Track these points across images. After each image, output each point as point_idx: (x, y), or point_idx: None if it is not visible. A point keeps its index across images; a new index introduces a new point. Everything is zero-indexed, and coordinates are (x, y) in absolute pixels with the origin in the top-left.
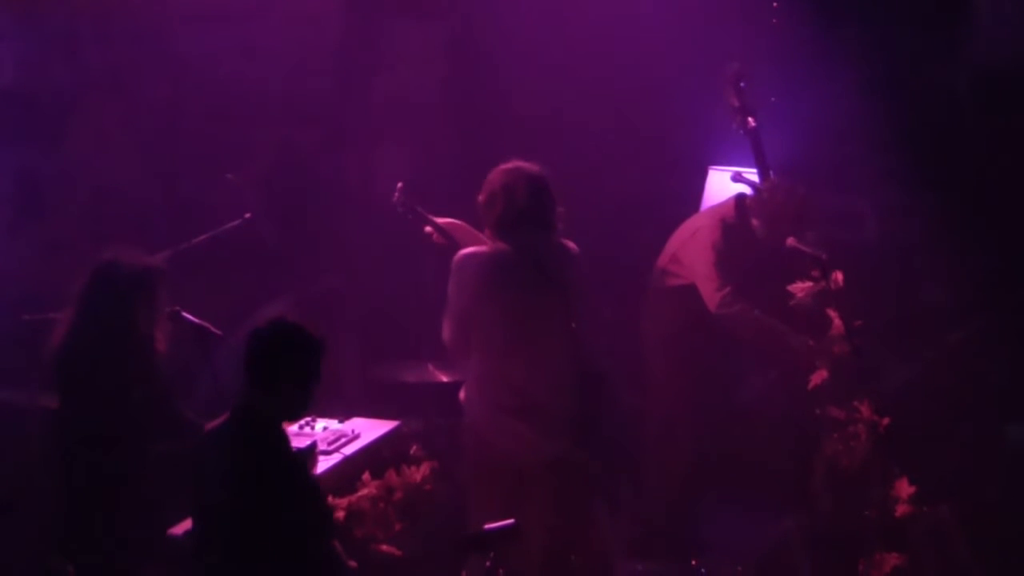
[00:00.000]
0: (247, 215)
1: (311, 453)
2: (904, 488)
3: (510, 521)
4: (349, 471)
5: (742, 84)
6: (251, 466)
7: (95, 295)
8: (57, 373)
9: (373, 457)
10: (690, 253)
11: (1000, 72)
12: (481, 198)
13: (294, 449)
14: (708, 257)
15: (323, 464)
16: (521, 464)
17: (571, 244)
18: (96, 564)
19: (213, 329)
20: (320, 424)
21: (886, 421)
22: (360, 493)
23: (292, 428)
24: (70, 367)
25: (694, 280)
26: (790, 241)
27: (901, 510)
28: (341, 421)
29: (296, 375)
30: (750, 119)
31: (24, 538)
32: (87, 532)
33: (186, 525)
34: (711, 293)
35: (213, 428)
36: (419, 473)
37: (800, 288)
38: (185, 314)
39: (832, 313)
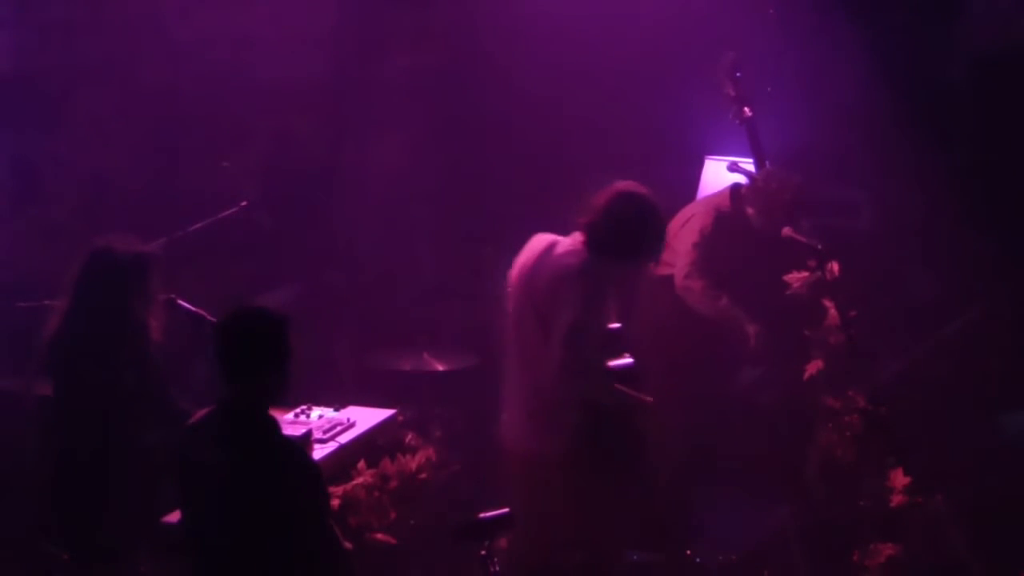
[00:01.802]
0: (244, 203)
1: (306, 442)
2: (899, 478)
3: (505, 510)
4: (344, 459)
5: (738, 74)
6: (249, 456)
7: (90, 282)
8: (51, 359)
9: (368, 445)
10: (681, 240)
11: (997, 61)
12: None
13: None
14: (692, 239)
15: (319, 452)
16: (523, 458)
17: (580, 265)
18: (89, 551)
19: (209, 317)
20: (316, 412)
21: (881, 411)
22: (355, 481)
23: (288, 416)
24: (64, 353)
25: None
26: (786, 231)
27: (896, 500)
28: (337, 409)
29: (273, 358)
30: (746, 109)
31: (19, 525)
32: (80, 519)
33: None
34: (681, 267)
35: (198, 421)
36: (414, 462)
37: (796, 278)
38: (181, 302)
39: (828, 303)
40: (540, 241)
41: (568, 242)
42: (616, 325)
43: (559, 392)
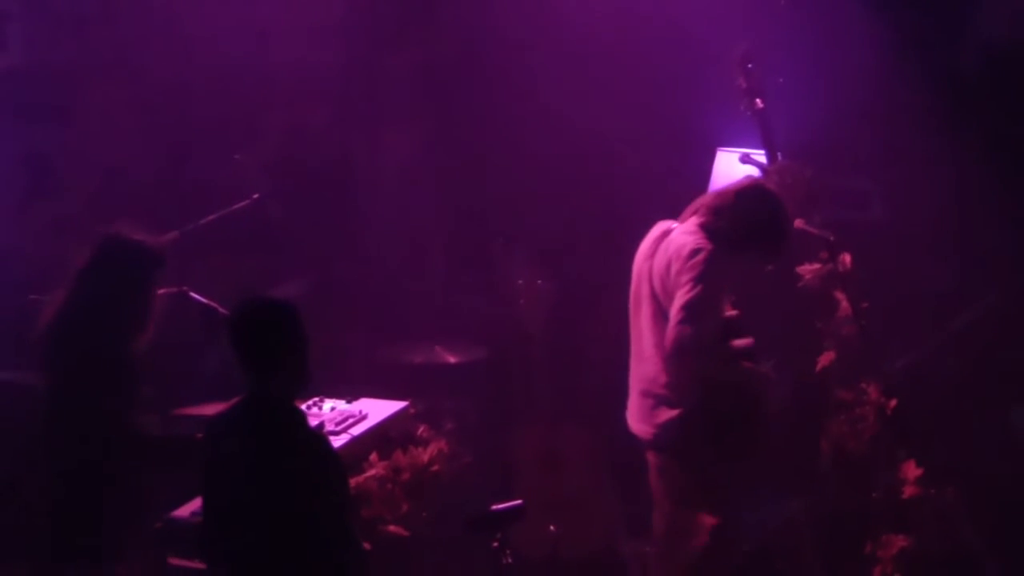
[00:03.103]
0: (255, 195)
1: None
2: (911, 470)
3: (518, 501)
4: (357, 452)
5: (750, 65)
6: (273, 448)
7: (97, 269)
8: (47, 346)
9: (381, 438)
10: None
11: (1007, 51)
12: None
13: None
14: None
15: None
16: (642, 443)
17: (696, 246)
18: (82, 547)
19: (220, 309)
20: (328, 404)
21: (893, 403)
22: (367, 474)
23: (300, 408)
24: (60, 340)
25: None
26: (798, 223)
27: (908, 492)
28: (349, 401)
29: (288, 347)
30: (758, 100)
31: (30, 518)
32: (74, 514)
33: (192, 507)
34: None
35: (222, 414)
36: (426, 454)
37: (808, 270)
38: (193, 294)
39: (840, 295)
40: (659, 228)
41: (684, 226)
42: (733, 312)
43: (674, 375)
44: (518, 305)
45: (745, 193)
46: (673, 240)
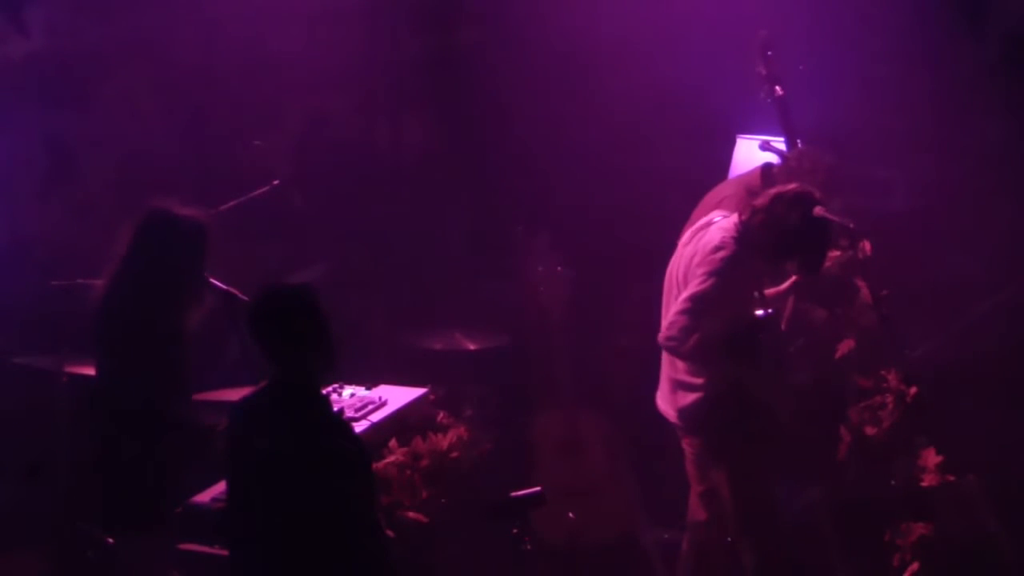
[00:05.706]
0: (275, 182)
1: None
2: (931, 458)
3: (537, 488)
4: (376, 438)
5: (770, 52)
6: (297, 434)
7: (157, 242)
8: (100, 321)
9: (400, 424)
10: None
11: None
12: None
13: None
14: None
15: None
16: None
17: (720, 243)
18: (132, 522)
19: (241, 295)
20: (347, 391)
21: (913, 391)
22: (387, 460)
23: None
24: (113, 314)
25: None
26: (818, 210)
27: (928, 480)
28: (368, 388)
29: (309, 334)
30: (777, 88)
31: (53, 503)
32: (125, 488)
33: (212, 492)
34: None
35: (246, 400)
36: (446, 440)
37: (828, 257)
38: (213, 279)
39: (860, 282)
40: (706, 217)
41: (724, 222)
42: (762, 312)
43: (687, 361)
44: (538, 292)
45: (781, 198)
46: (708, 232)
